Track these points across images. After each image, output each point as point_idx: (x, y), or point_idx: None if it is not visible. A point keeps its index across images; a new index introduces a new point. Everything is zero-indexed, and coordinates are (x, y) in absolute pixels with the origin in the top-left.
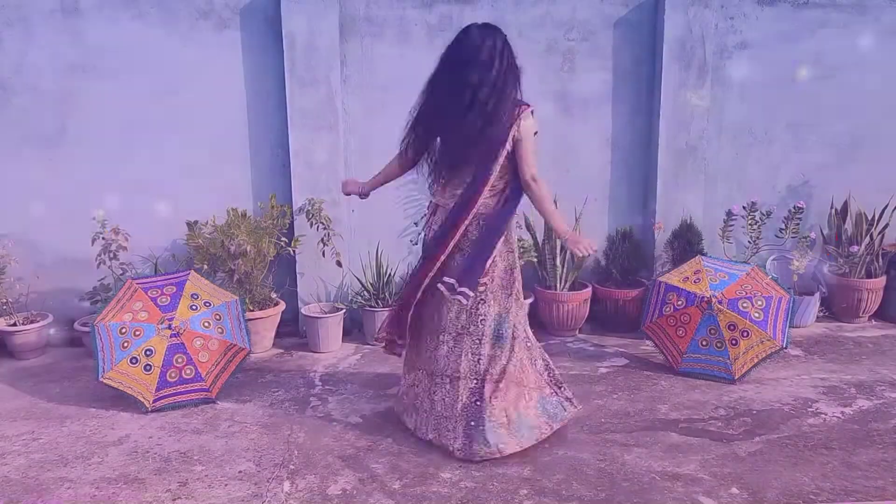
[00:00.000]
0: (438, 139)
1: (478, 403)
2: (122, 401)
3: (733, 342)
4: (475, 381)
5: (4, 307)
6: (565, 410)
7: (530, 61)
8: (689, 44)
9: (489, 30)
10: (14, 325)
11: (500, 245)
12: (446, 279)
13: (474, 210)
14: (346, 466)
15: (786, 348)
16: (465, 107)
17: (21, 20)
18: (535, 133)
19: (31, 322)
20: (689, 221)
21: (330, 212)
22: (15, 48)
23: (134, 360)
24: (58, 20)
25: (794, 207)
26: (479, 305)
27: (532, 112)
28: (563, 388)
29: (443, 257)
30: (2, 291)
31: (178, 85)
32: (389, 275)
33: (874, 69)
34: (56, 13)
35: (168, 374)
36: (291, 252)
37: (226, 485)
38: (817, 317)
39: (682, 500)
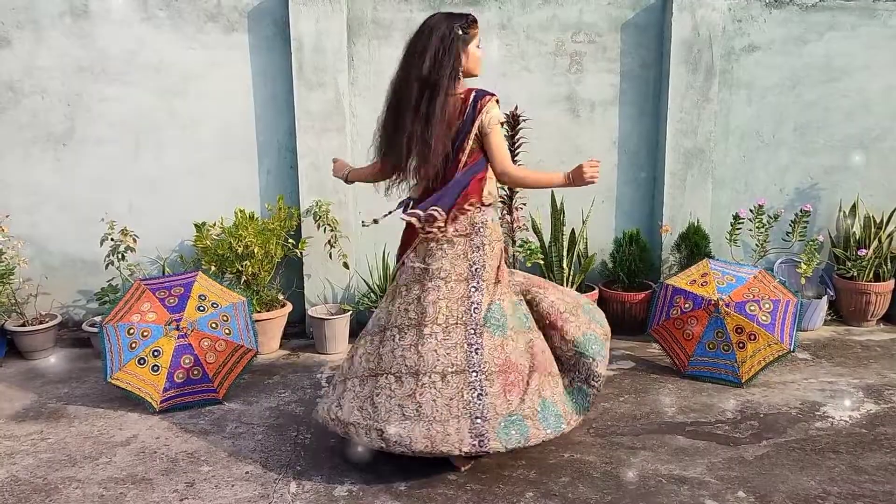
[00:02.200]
0: None
1: (481, 398)
2: (129, 401)
3: (740, 345)
4: (474, 374)
5: (13, 307)
6: (587, 398)
7: (537, 63)
8: (696, 46)
9: (435, 20)
10: (23, 325)
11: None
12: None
13: None
14: (352, 467)
15: (793, 352)
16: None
17: (31, 23)
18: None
19: (40, 322)
20: (696, 224)
21: (337, 214)
22: (25, 50)
23: (142, 361)
24: (67, 23)
25: (802, 211)
26: (473, 293)
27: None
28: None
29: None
30: (11, 292)
31: (187, 87)
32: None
33: (882, 72)
34: (65, 16)
35: (175, 375)
36: (298, 254)
37: (233, 485)
38: (825, 320)
39: (688, 503)
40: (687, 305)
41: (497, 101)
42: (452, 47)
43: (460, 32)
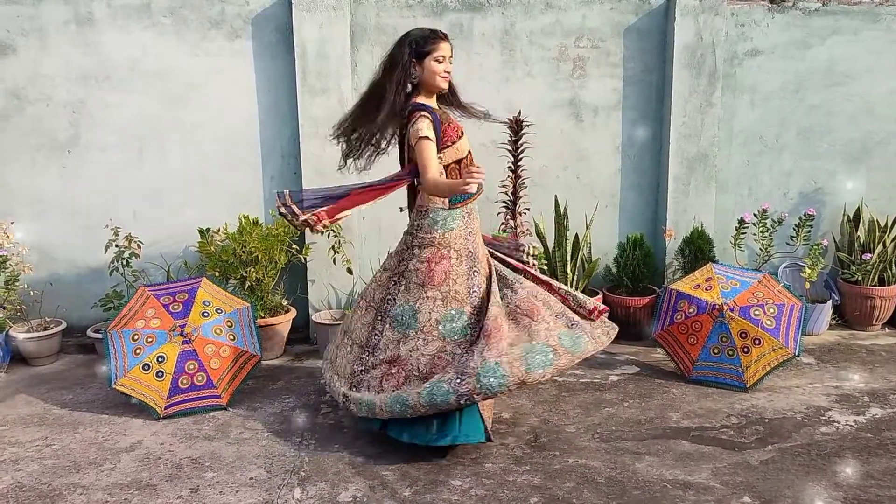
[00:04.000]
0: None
1: (362, 373)
2: (134, 407)
3: (745, 350)
4: (366, 354)
5: (18, 314)
6: (445, 403)
7: (540, 68)
8: (699, 51)
9: (402, 37)
10: (28, 331)
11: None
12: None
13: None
14: (356, 473)
15: (798, 356)
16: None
17: (36, 30)
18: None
19: (45, 329)
20: (700, 229)
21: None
22: (30, 58)
23: (146, 367)
24: (72, 31)
25: (805, 215)
26: (392, 286)
27: (423, 117)
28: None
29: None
30: (16, 298)
31: (190, 93)
32: None
33: (886, 76)
34: (70, 24)
35: (180, 381)
36: (302, 259)
37: (237, 491)
38: (830, 325)
39: None
40: (691, 310)
41: (425, 117)
42: (402, 61)
43: (414, 47)
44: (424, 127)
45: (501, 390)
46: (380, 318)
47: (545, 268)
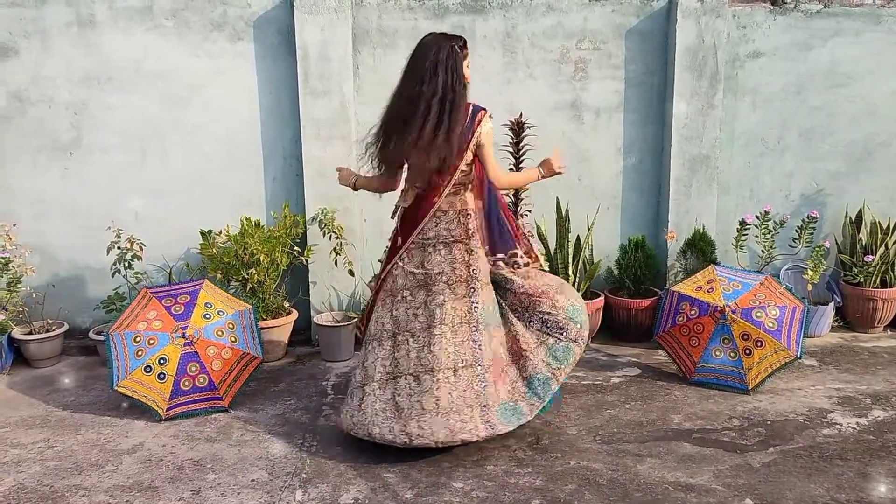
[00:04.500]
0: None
1: (486, 388)
2: (135, 409)
3: (747, 352)
4: (480, 369)
5: (21, 316)
6: (573, 353)
7: (542, 70)
8: (700, 53)
9: (436, 39)
10: (30, 333)
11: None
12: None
13: (433, 209)
14: (358, 475)
15: (800, 358)
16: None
17: (38, 32)
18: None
19: (47, 331)
20: (701, 230)
21: (342, 221)
22: (32, 60)
23: (148, 369)
24: (74, 32)
25: (808, 217)
26: (472, 294)
27: (490, 116)
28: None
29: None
30: (18, 300)
31: (192, 95)
32: None
33: (887, 77)
34: (72, 26)
35: (181, 383)
36: (304, 261)
37: (238, 493)
38: (832, 326)
39: None
40: (693, 312)
41: (491, 117)
42: (459, 63)
43: (459, 52)
44: (491, 125)
45: (587, 321)
46: (474, 328)
47: (547, 269)
